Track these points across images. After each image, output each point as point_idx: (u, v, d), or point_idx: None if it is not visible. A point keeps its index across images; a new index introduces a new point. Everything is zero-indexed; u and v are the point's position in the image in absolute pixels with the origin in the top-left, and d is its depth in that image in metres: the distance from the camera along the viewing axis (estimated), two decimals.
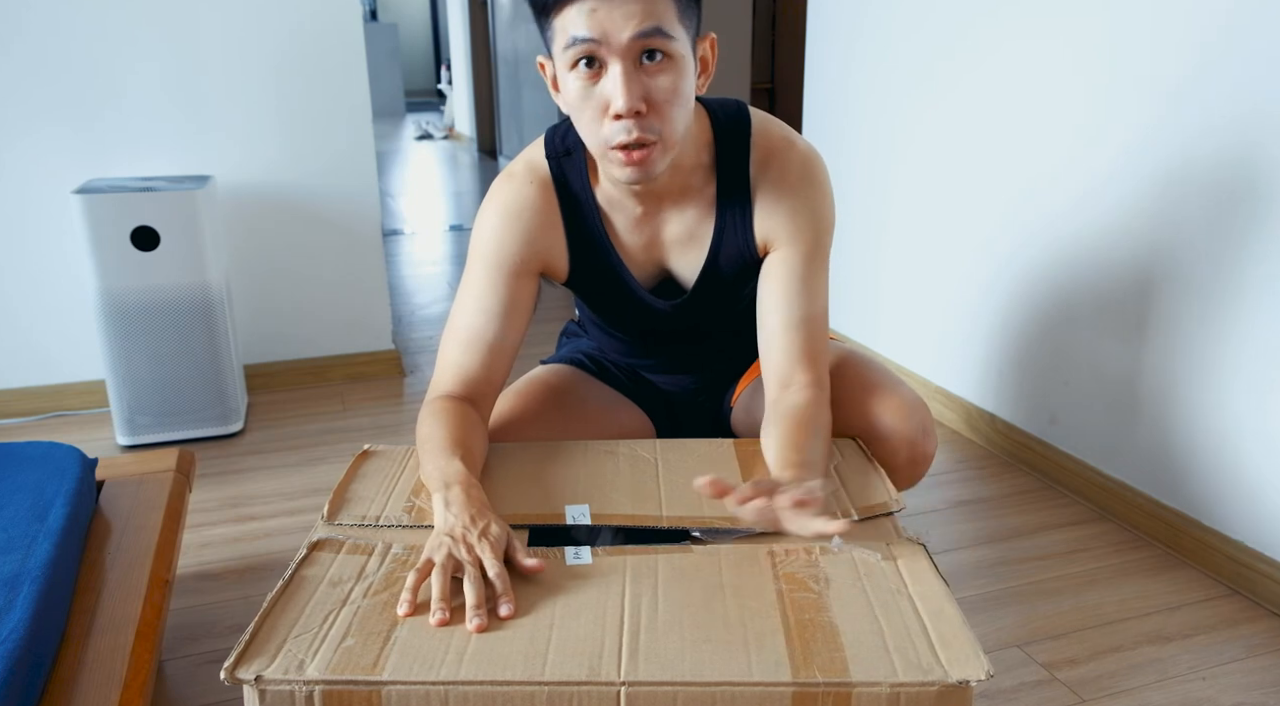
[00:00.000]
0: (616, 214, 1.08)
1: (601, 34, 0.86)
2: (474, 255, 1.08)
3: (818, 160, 1.07)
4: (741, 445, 1.07)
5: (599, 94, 0.90)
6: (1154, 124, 1.54)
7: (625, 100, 0.87)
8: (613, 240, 1.09)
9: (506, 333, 1.07)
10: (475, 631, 0.72)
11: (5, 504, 1.07)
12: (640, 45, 0.87)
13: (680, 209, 1.07)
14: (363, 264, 2.41)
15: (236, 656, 0.68)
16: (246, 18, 2.14)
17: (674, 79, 0.90)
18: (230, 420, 2.08)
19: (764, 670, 0.67)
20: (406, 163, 7.07)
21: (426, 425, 1.00)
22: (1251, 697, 1.23)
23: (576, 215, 1.08)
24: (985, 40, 1.88)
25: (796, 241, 1.05)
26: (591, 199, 1.07)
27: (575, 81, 0.90)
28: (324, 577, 0.79)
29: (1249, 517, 1.46)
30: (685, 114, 0.93)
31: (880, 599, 0.76)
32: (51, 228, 2.11)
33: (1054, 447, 1.83)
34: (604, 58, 0.88)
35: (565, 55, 0.89)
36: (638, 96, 0.88)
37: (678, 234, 1.09)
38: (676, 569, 0.80)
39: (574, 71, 0.90)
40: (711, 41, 0.98)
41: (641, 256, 1.10)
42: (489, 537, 0.81)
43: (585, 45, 0.87)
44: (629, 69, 0.87)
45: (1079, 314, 1.74)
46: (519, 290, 1.07)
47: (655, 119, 0.90)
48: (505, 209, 1.07)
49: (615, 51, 0.87)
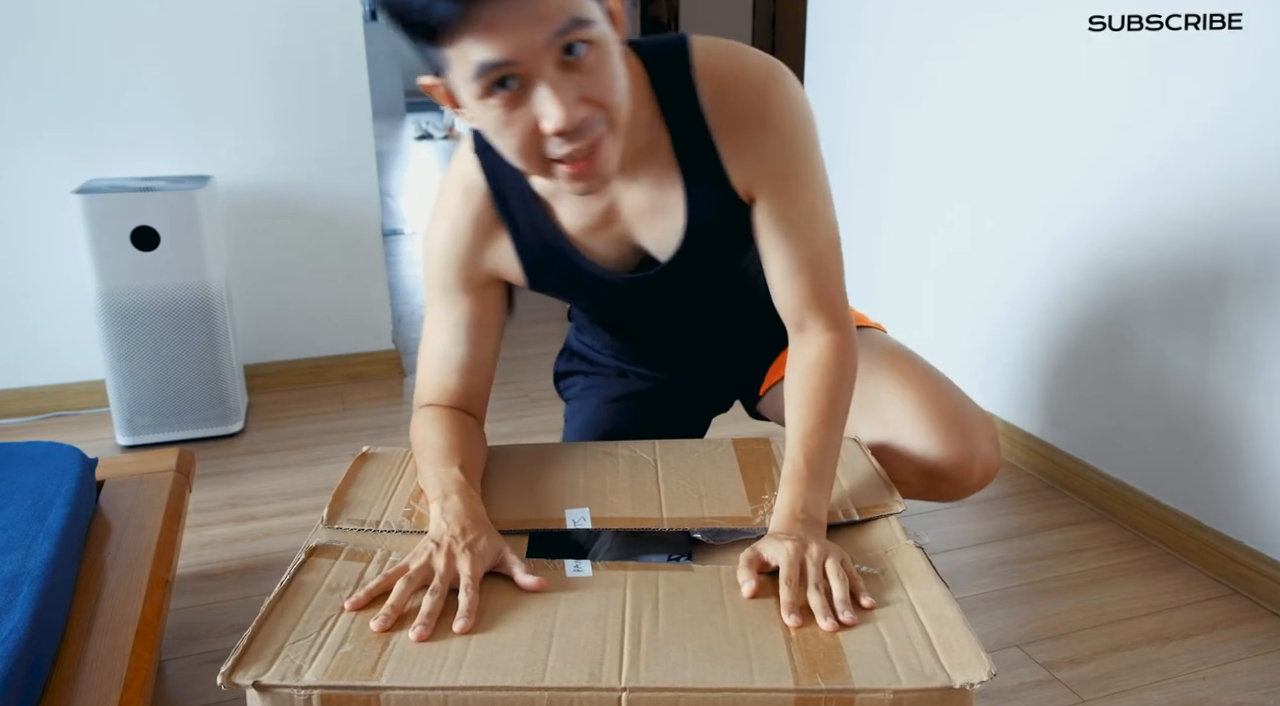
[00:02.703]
0: (560, 200, 0.97)
1: (514, 51, 0.71)
2: (427, 278, 1.03)
3: (776, 76, 0.90)
4: (742, 445, 1.06)
5: (525, 116, 0.76)
6: (1196, 119, 1.54)
7: (564, 116, 0.74)
8: (562, 229, 0.98)
9: (478, 349, 1.03)
10: (415, 639, 0.70)
11: (5, 504, 1.07)
12: (560, 46, 0.73)
13: (634, 176, 0.93)
14: (363, 264, 2.41)
15: (234, 661, 0.68)
16: (247, 18, 2.14)
17: (604, 64, 0.76)
18: (230, 420, 2.08)
19: (766, 677, 0.67)
20: (406, 163, 7.07)
21: (422, 431, 0.99)
22: (1251, 697, 1.23)
23: (515, 213, 0.98)
24: (985, 39, 1.88)
25: (776, 181, 0.92)
26: (527, 190, 0.96)
27: (493, 111, 0.76)
28: (322, 583, 0.79)
29: (1249, 517, 1.46)
30: (624, 89, 0.80)
31: (881, 610, 0.76)
32: (51, 228, 2.11)
33: (1054, 447, 1.83)
34: (523, 75, 0.73)
35: (473, 85, 0.74)
36: (574, 103, 0.75)
37: (639, 205, 0.95)
38: (677, 584, 0.80)
39: (489, 100, 0.75)
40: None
41: (602, 239, 0.98)
42: (474, 551, 0.79)
43: (497, 70, 0.72)
44: (555, 79, 0.74)
45: (1078, 314, 1.74)
46: (479, 305, 1.02)
47: (599, 112, 0.77)
48: (442, 226, 1.00)
49: (535, 65, 0.73)
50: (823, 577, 0.77)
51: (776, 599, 0.77)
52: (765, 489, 0.95)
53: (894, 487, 0.95)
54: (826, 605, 0.74)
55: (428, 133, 8.38)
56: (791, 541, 0.80)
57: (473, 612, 0.73)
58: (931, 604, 0.76)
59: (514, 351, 2.64)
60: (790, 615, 0.74)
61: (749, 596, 0.77)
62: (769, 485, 0.96)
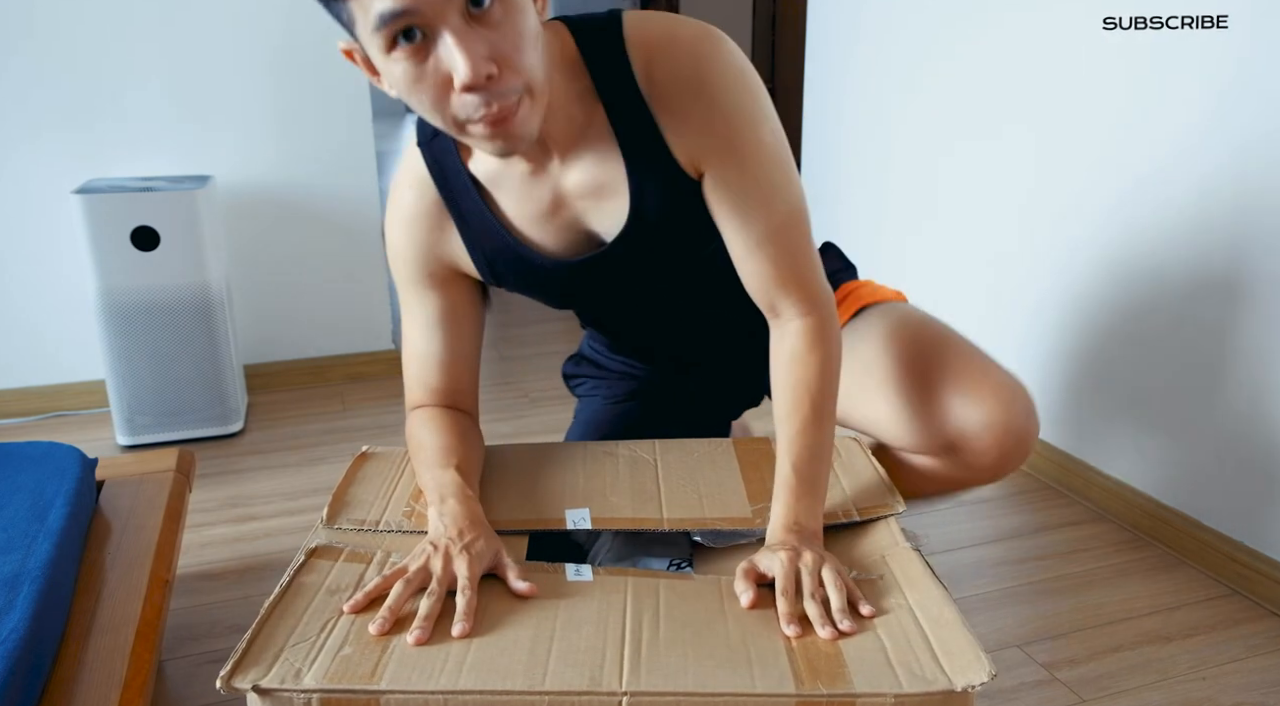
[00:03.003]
0: (501, 187, 0.93)
1: (412, 1, 0.70)
2: (395, 280, 1.03)
3: (708, 38, 0.86)
4: (742, 445, 1.06)
5: (433, 70, 0.73)
6: (1203, 117, 1.54)
7: (470, 69, 0.71)
8: (506, 221, 0.94)
9: (455, 343, 1.01)
10: (413, 642, 0.70)
11: (5, 504, 1.07)
12: None
13: (574, 155, 0.89)
14: (363, 264, 2.41)
15: (233, 665, 0.67)
16: (247, 18, 2.13)
17: (514, 20, 0.74)
18: (230, 420, 2.08)
19: (768, 683, 0.66)
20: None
21: (419, 433, 0.98)
22: (1251, 697, 1.23)
23: (459, 203, 0.94)
24: (985, 39, 1.88)
25: (719, 150, 0.86)
26: (467, 180, 0.93)
27: (399, 64, 0.74)
28: (322, 585, 0.79)
29: (1249, 517, 1.46)
30: (537, 54, 0.77)
31: (879, 612, 0.76)
32: (51, 228, 2.11)
33: (1054, 447, 1.83)
34: (425, 25, 0.71)
35: (376, 38, 0.72)
36: (482, 58, 0.72)
37: (584, 186, 0.90)
38: (678, 592, 0.79)
39: (393, 54, 0.73)
40: None
41: (551, 227, 0.94)
42: (471, 553, 0.79)
43: (397, 20, 0.70)
44: (460, 29, 0.71)
45: (1077, 314, 1.74)
46: (448, 298, 0.99)
47: (511, 76, 0.74)
48: (395, 222, 0.98)
49: (436, 15, 0.70)
50: (819, 587, 0.77)
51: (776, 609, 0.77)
52: (765, 489, 0.95)
53: (894, 488, 0.95)
54: (824, 614, 0.74)
55: None
56: (785, 551, 0.80)
57: (471, 615, 0.73)
58: (930, 607, 0.75)
59: (514, 351, 2.64)
60: (789, 626, 0.73)
61: (747, 607, 0.77)
62: (770, 484, 0.96)
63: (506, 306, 3.21)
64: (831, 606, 0.75)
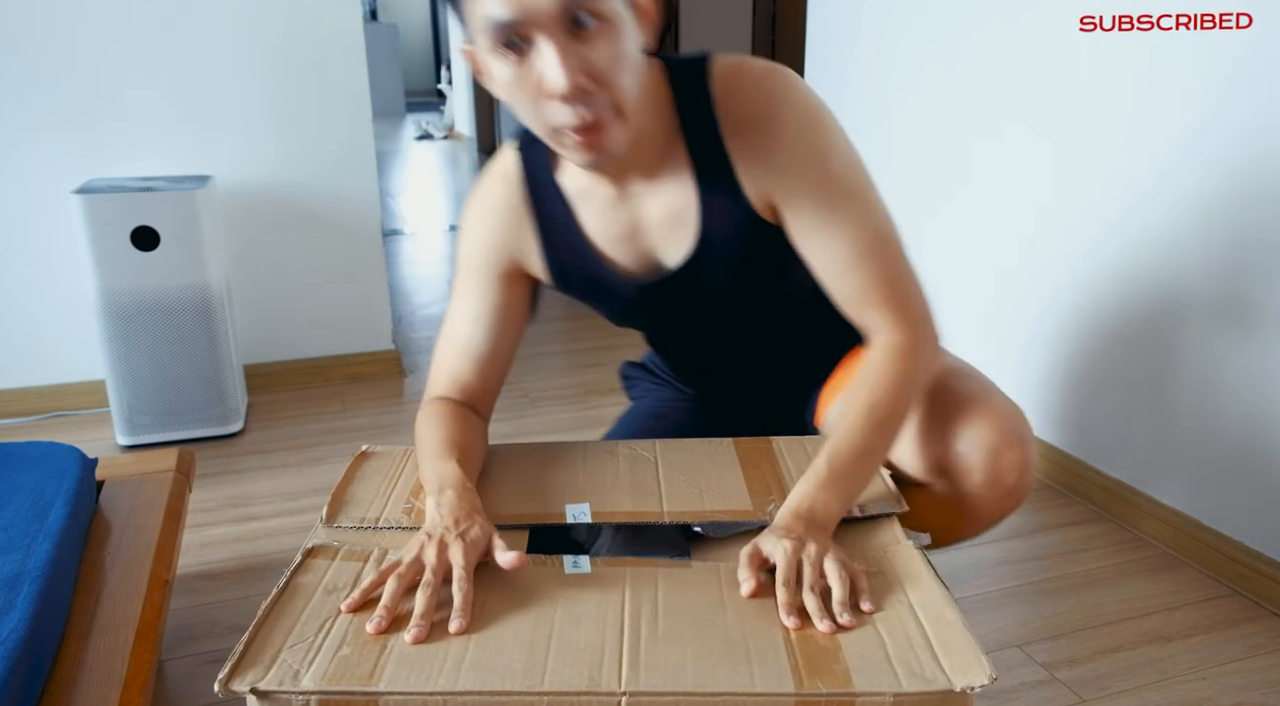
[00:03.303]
0: (586, 202, 0.97)
1: (520, 10, 0.75)
2: (456, 264, 1.05)
3: (779, 75, 0.90)
4: (743, 444, 1.06)
5: (531, 76, 0.79)
6: (1201, 117, 1.54)
7: (563, 79, 0.76)
8: (583, 233, 0.98)
9: (498, 339, 1.03)
10: (411, 642, 0.70)
11: (5, 504, 1.07)
12: (566, 14, 0.76)
13: (656, 184, 0.94)
14: (363, 264, 2.41)
15: (231, 667, 0.67)
16: (247, 18, 2.14)
17: (613, 43, 0.78)
18: (230, 420, 2.08)
19: (767, 681, 0.66)
20: (406, 163, 7.07)
21: (424, 427, 0.99)
22: (1251, 697, 1.23)
23: (543, 208, 0.99)
24: (986, 39, 1.88)
25: (792, 184, 0.90)
26: (555, 188, 0.98)
27: (503, 67, 0.80)
28: (319, 585, 0.78)
29: (1249, 517, 1.46)
30: (634, 78, 0.82)
31: (880, 612, 0.75)
32: (51, 228, 2.11)
33: (1054, 447, 1.83)
34: (529, 35, 0.77)
35: (486, 40, 0.79)
36: (576, 71, 0.77)
37: (660, 216, 0.95)
38: (676, 582, 0.79)
39: (499, 56, 0.79)
40: None
41: (625, 251, 0.99)
42: (466, 540, 0.79)
43: (505, 29, 0.77)
44: (560, 42, 0.77)
45: (1078, 314, 1.74)
46: (506, 294, 1.02)
47: (603, 91, 0.79)
48: (478, 209, 1.02)
49: (540, 27, 0.76)
50: (820, 578, 0.76)
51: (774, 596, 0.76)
52: (766, 485, 0.95)
53: (897, 491, 0.95)
54: (823, 607, 0.74)
55: (428, 133, 8.38)
56: (790, 539, 0.79)
57: (467, 611, 0.73)
58: (932, 606, 0.75)
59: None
60: (788, 617, 0.73)
61: (748, 596, 0.76)
62: (771, 481, 0.96)
63: None
64: (832, 598, 0.75)
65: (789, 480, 0.96)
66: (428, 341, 2.79)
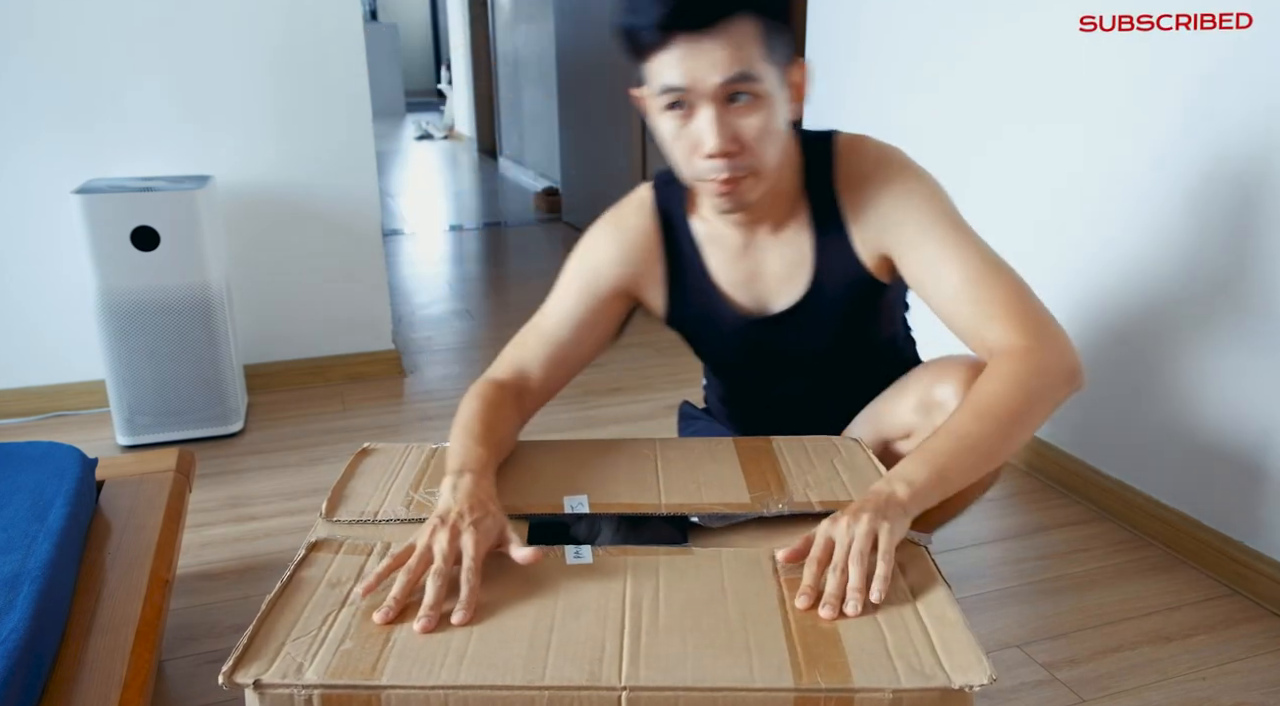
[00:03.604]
0: (714, 247, 1.09)
1: (690, 82, 0.90)
2: (571, 266, 1.12)
3: (891, 147, 1.06)
4: (742, 442, 1.06)
5: (690, 134, 0.94)
6: (1191, 115, 1.54)
7: (715, 142, 0.92)
8: (709, 272, 1.10)
9: (577, 344, 1.09)
10: (420, 631, 0.71)
11: (5, 504, 1.07)
12: (728, 90, 0.90)
13: (779, 239, 1.07)
14: (363, 264, 2.41)
15: (235, 660, 0.67)
16: (247, 18, 2.14)
17: (762, 118, 0.93)
18: (230, 420, 2.08)
19: (766, 675, 0.67)
20: (406, 163, 7.07)
21: (468, 404, 1.02)
22: (1251, 697, 1.23)
23: (675, 246, 1.11)
24: (986, 39, 1.88)
25: (907, 222, 1.00)
26: (690, 231, 1.10)
27: (668, 122, 0.95)
28: (323, 578, 0.79)
29: (1249, 517, 1.46)
30: (776, 147, 0.96)
31: (882, 604, 0.76)
32: (51, 228, 2.11)
33: (1054, 447, 1.83)
34: (693, 102, 0.92)
35: (658, 99, 0.94)
36: (727, 138, 0.92)
37: (779, 266, 1.08)
38: (678, 570, 0.80)
39: (667, 114, 0.94)
40: (802, 67, 0.99)
41: (743, 293, 1.10)
42: (478, 529, 0.80)
43: (674, 93, 0.92)
44: (718, 112, 0.91)
45: (1077, 314, 1.74)
46: (605, 308, 1.10)
47: (747, 156, 0.93)
48: (610, 228, 1.11)
49: (704, 96, 0.91)
50: (846, 560, 0.77)
51: (778, 585, 0.77)
52: (764, 480, 0.95)
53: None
54: (837, 594, 0.75)
55: (428, 133, 8.38)
56: (846, 516, 0.80)
57: (472, 605, 0.74)
58: (934, 604, 0.76)
59: None
60: (801, 596, 0.75)
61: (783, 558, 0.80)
62: (770, 477, 0.96)
63: (506, 305, 3.21)
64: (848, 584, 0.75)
65: (788, 476, 0.96)
66: (428, 341, 2.79)
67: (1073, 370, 0.95)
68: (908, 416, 1.07)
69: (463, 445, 0.94)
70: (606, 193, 4.10)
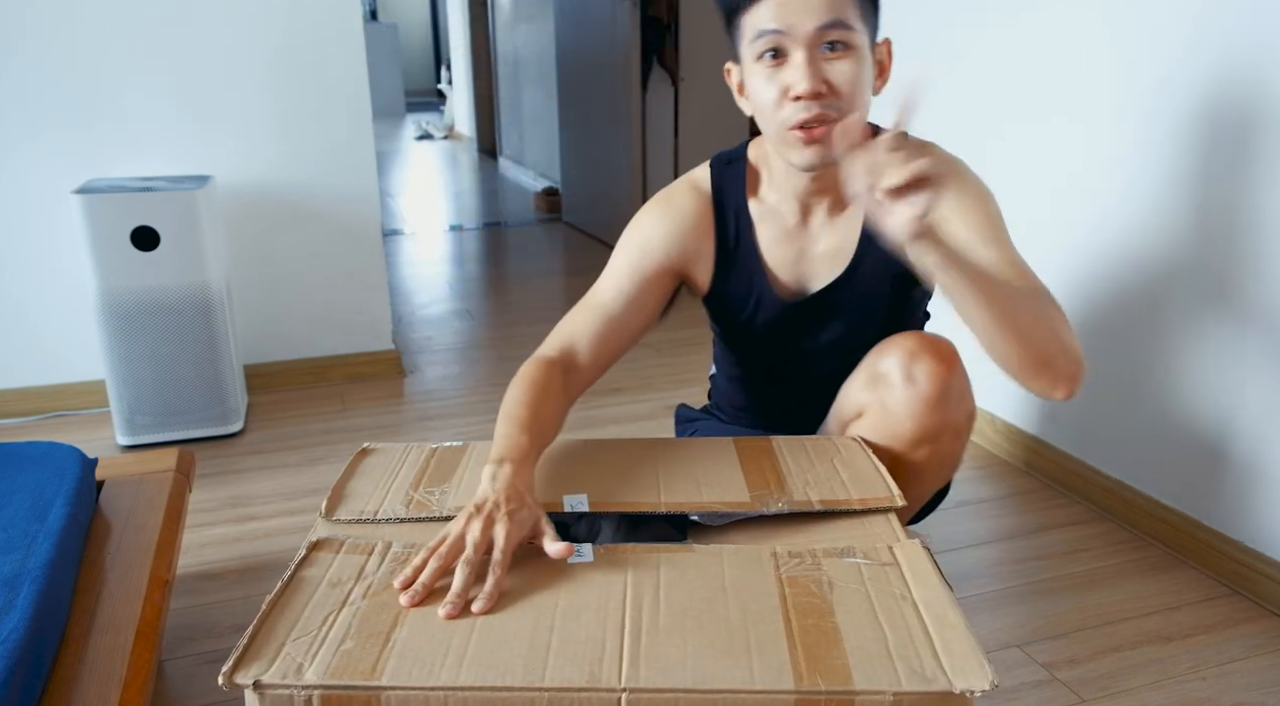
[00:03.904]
0: (768, 225, 1.12)
1: (787, 25, 0.94)
2: (622, 245, 1.13)
3: (958, 160, 1.09)
4: (742, 442, 1.06)
5: (781, 80, 0.96)
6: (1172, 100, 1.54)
7: (807, 83, 0.94)
8: (759, 249, 1.13)
9: (629, 318, 1.10)
10: (443, 616, 0.72)
11: (5, 504, 1.07)
12: (822, 36, 0.94)
13: (832, 223, 1.10)
14: (363, 264, 2.41)
15: (235, 660, 0.67)
16: (247, 18, 2.14)
17: (854, 67, 0.96)
18: (230, 420, 2.08)
19: (766, 677, 0.66)
20: (406, 163, 7.07)
21: (516, 387, 1.02)
22: (1251, 697, 1.23)
23: (727, 224, 1.13)
24: (988, 39, 1.88)
25: (956, 213, 1.03)
26: (745, 209, 1.12)
27: (761, 70, 0.98)
28: (323, 578, 0.79)
29: (1249, 517, 1.46)
30: (864, 101, 0.99)
31: (884, 604, 0.75)
32: (51, 228, 2.11)
33: (1054, 447, 1.83)
34: (787, 47, 0.95)
35: (753, 47, 0.97)
36: (818, 79, 0.95)
37: (825, 250, 1.11)
38: (678, 568, 0.80)
39: (760, 62, 0.97)
40: (888, 46, 1.04)
41: (788, 272, 1.13)
42: (513, 520, 0.81)
43: (771, 37, 0.95)
44: (811, 56, 0.95)
45: (1077, 314, 1.74)
46: (653, 286, 1.11)
47: (835, 98, 0.96)
48: (661, 207, 1.14)
49: (799, 41, 0.94)
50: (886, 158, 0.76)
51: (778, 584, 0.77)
52: (764, 479, 0.95)
53: (893, 483, 0.95)
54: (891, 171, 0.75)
55: (428, 133, 8.38)
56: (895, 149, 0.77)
57: (494, 595, 0.75)
58: (935, 604, 0.75)
59: (514, 352, 2.64)
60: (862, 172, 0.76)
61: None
62: (770, 476, 0.96)
63: (506, 305, 3.21)
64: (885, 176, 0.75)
65: (788, 475, 0.96)
66: (428, 341, 2.79)
67: (1079, 364, 0.95)
68: (858, 395, 1.09)
69: (505, 433, 0.94)
70: (606, 193, 4.11)
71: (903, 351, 1.03)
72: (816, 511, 0.89)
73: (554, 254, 4.07)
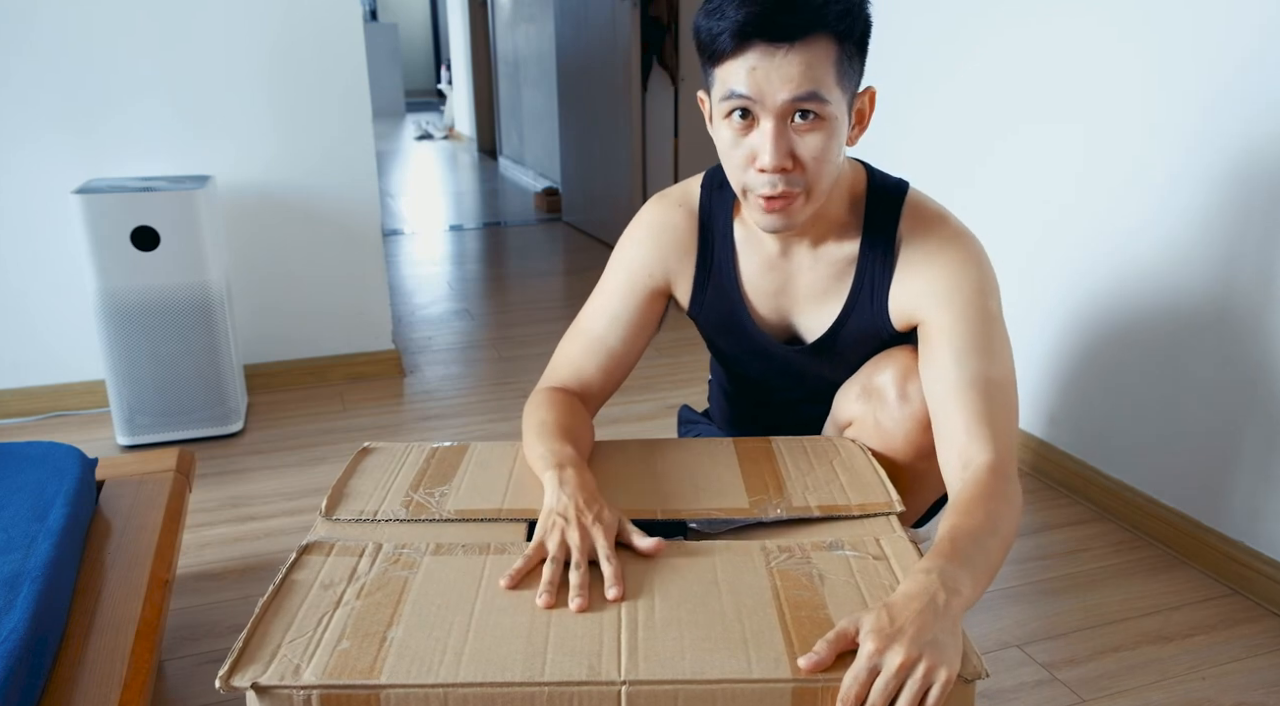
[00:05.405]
0: (750, 253, 1.09)
1: (758, 93, 0.89)
2: (612, 264, 1.12)
3: (970, 236, 1.03)
4: (742, 443, 1.06)
5: (748, 144, 0.92)
6: (1206, 115, 1.54)
7: (771, 157, 0.90)
8: (738, 277, 1.10)
9: (629, 343, 1.10)
10: (576, 610, 0.74)
11: (5, 504, 1.07)
12: (793, 108, 0.89)
13: (816, 259, 1.06)
14: (363, 264, 2.41)
15: (231, 663, 0.67)
16: (247, 18, 2.14)
17: (823, 139, 0.91)
18: (230, 420, 2.08)
19: (764, 667, 0.67)
20: (406, 163, 7.07)
21: (539, 411, 1.03)
22: (1251, 697, 1.23)
23: (711, 245, 1.11)
24: (990, 40, 1.88)
25: (945, 302, 0.98)
26: (729, 233, 1.10)
27: (727, 130, 0.93)
28: (315, 580, 0.79)
29: (1249, 517, 1.46)
30: (831, 171, 0.94)
31: (874, 596, 0.76)
32: (51, 228, 2.11)
33: (1054, 447, 1.83)
34: (757, 113, 0.90)
35: (722, 105, 0.92)
36: (784, 154, 0.90)
37: (810, 288, 1.07)
38: (672, 565, 0.81)
39: (727, 121, 0.93)
40: (871, 95, 0.98)
41: (768, 304, 1.10)
42: (602, 522, 0.83)
43: (740, 100, 0.90)
44: (779, 128, 0.90)
45: (1078, 315, 1.74)
46: (647, 306, 1.11)
47: (800, 174, 0.92)
48: (649, 225, 1.12)
49: (768, 110, 0.89)
50: (890, 696, 0.65)
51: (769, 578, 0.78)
52: (764, 482, 0.96)
53: (893, 488, 0.95)
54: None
55: (428, 133, 8.38)
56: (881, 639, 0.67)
57: (620, 579, 0.77)
58: None
59: (514, 351, 2.64)
60: None
61: (807, 668, 0.67)
62: (770, 480, 0.96)
63: (506, 305, 3.21)
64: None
65: (787, 479, 0.96)
66: (428, 341, 2.79)
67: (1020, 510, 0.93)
68: (851, 405, 1.09)
69: (548, 446, 0.95)
70: (606, 193, 4.11)
71: (898, 368, 1.03)
72: (815, 518, 0.89)
73: (554, 254, 4.07)
